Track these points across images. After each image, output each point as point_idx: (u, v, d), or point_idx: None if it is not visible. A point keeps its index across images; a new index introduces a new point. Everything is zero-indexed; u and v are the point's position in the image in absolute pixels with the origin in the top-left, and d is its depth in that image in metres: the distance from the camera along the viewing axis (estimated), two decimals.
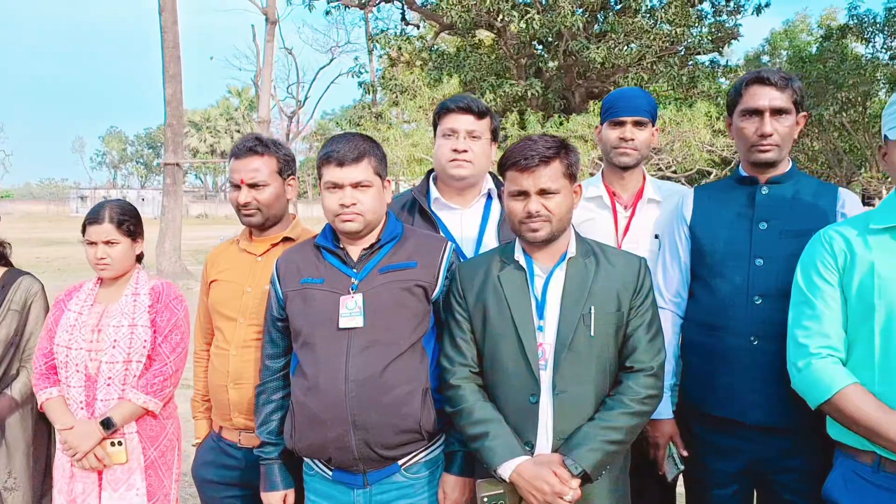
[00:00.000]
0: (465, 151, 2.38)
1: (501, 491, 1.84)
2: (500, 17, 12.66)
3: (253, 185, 2.34)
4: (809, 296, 1.91)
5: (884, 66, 19.66)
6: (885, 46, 20.52)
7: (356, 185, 2.02)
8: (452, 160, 2.40)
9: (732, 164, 12.52)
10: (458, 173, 2.40)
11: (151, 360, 2.50)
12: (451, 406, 1.96)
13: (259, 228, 2.41)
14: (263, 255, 2.39)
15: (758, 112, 2.24)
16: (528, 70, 15.06)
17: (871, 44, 20.56)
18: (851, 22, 20.38)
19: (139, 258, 2.64)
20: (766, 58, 32.62)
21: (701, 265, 2.33)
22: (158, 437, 2.56)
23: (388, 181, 2.17)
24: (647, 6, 13.79)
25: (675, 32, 14.91)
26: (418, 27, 16.25)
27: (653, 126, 2.57)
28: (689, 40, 15.48)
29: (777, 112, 2.24)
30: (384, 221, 2.14)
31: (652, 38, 13.08)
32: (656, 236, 2.51)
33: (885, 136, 1.86)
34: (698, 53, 15.80)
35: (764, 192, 2.28)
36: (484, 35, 16.19)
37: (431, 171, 2.58)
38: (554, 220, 1.91)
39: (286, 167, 2.41)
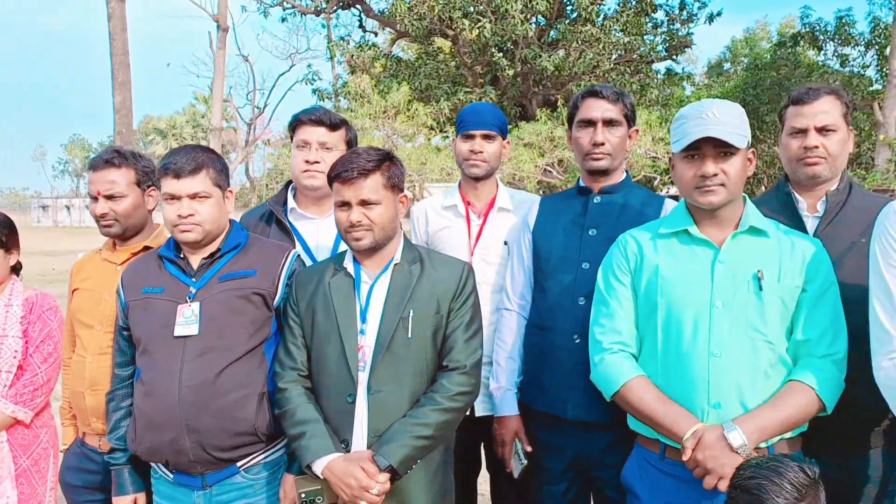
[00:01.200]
0: (318, 162, 2.48)
1: (318, 487, 1.93)
2: (452, 25, 12.81)
3: (109, 197, 2.40)
4: (606, 296, 2.05)
5: (834, 73, 20.18)
6: (836, 54, 21.11)
7: (193, 196, 2.10)
8: (305, 171, 2.49)
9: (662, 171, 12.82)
10: (311, 184, 2.49)
11: (23, 371, 2.55)
12: (279, 408, 2.05)
13: (120, 238, 2.48)
14: (123, 263, 2.45)
15: (592, 123, 2.39)
16: (484, 78, 15.22)
17: (822, 51, 21.11)
18: (804, 30, 20.91)
19: (15, 269, 2.68)
20: (727, 65, 33.29)
21: (539, 270, 2.46)
22: (31, 446, 2.60)
23: (231, 191, 2.25)
24: (597, 14, 14.02)
25: (630, 41, 15.22)
26: (376, 34, 16.36)
27: (503, 139, 2.69)
28: (643, 49, 15.81)
29: (609, 123, 2.38)
30: (227, 231, 2.22)
31: (602, 46, 13.31)
32: (505, 243, 2.63)
33: (672, 151, 2.00)
34: (652, 61, 16.11)
35: (596, 201, 2.42)
36: (442, 42, 16.33)
37: (290, 182, 2.67)
38: (376, 230, 2.01)
39: (145, 178, 2.47)
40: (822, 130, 2.19)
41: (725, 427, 1.76)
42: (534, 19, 15.24)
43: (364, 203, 2.00)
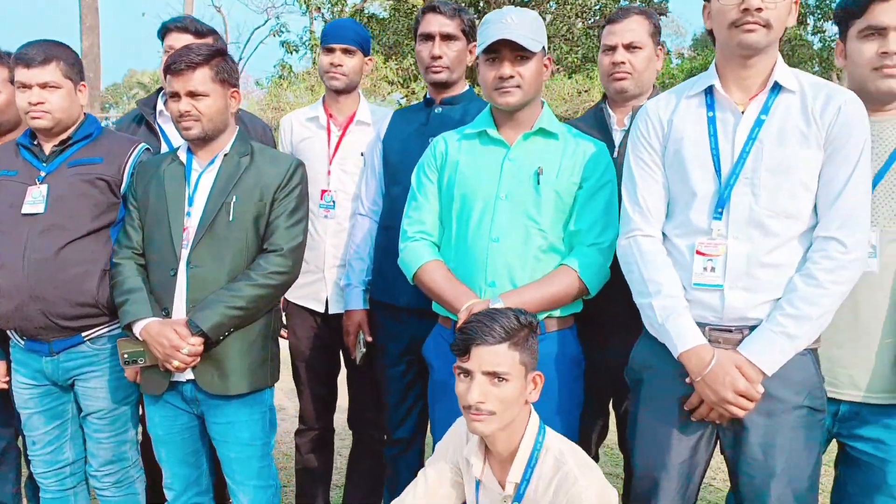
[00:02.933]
0: None
1: (141, 349, 2.15)
2: None
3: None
4: (416, 191, 2.26)
5: (813, 47, 20.29)
6: (815, 28, 21.19)
7: (44, 86, 2.27)
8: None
9: None
10: None
11: None
12: (111, 280, 2.25)
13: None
14: None
15: (430, 37, 2.57)
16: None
17: (802, 26, 21.15)
18: None
19: None
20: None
21: (387, 175, 2.66)
22: None
23: (84, 85, 2.42)
24: None
25: (603, 5, 15.23)
26: None
27: (364, 55, 2.86)
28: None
29: (446, 37, 2.56)
30: (80, 122, 2.40)
31: (570, 8, 13.34)
32: (361, 154, 2.82)
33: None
34: None
35: (437, 112, 2.62)
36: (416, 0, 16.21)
37: (161, 88, 2.83)
38: (204, 120, 2.20)
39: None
40: (629, 47, 2.39)
41: (492, 300, 1.98)
42: None
43: (192, 94, 2.17)
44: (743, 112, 1.81)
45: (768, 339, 1.72)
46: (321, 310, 2.83)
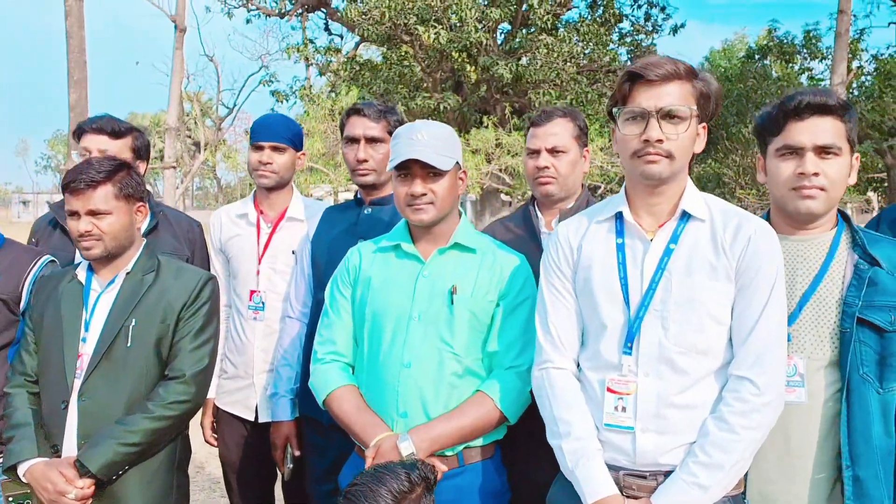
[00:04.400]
0: None
1: (26, 491, 2.00)
2: (409, 31, 12.89)
3: None
4: (328, 307, 2.14)
5: (800, 86, 20.37)
6: (803, 68, 21.32)
7: None
8: None
9: (616, 178, 12.95)
10: None
11: None
12: (2, 411, 2.11)
13: None
14: None
15: (355, 140, 2.49)
16: (446, 84, 15.29)
17: (790, 65, 21.30)
18: (771, 43, 21.09)
19: None
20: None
21: (314, 277, 2.54)
22: None
23: None
24: (553, 24, 14.12)
25: (591, 51, 15.33)
26: (342, 37, 16.44)
27: (296, 151, 2.77)
28: (606, 59, 15.92)
29: (371, 140, 2.48)
30: None
31: (557, 56, 13.42)
32: (293, 252, 2.70)
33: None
34: (612, 71, 16.23)
35: (367, 212, 2.52)
36: (409, 48, 16.39)
37: None
38: (106, 240, 2.08)
39: None
40: (552, 151, 2.29)
41: (400, 437, 1.84)
42: (499, 27, 15.36)
43: (93, 213, 2.06)
44: (652, 240, 1.70)
45: (680, 489, 1.58)
46: (251, 418, 2.69)
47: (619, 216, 1.76)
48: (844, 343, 1.70)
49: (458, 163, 2.03)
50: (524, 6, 13.97)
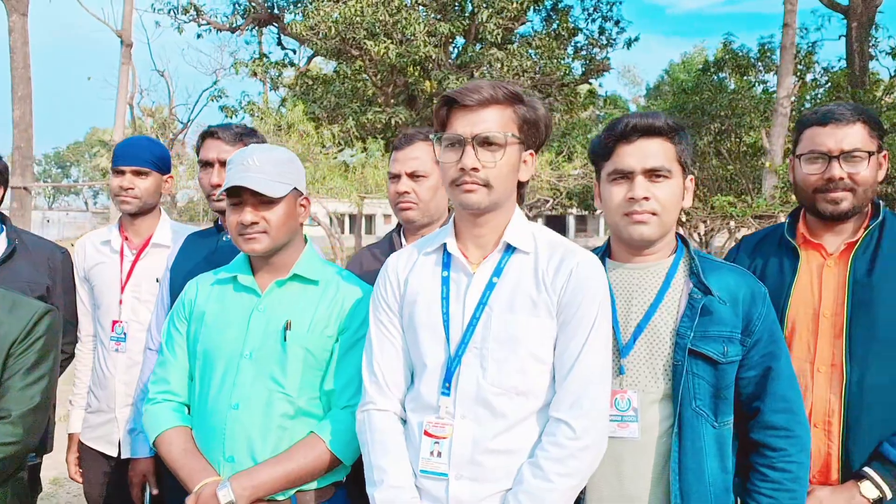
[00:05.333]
0: None
1: None
2: (358, 45, 12.84)
3: None
4: (163, 344, 2.01)
5: (753, 98, 20.75)
6: (757, 80, 21.73)
7: None
8: None
9: (564, 193, 13.01)
10: None
11: None
12: None
13: None
14: None
15: (210, 163, 2.40)
16: (398, 98, 15.26)
17: (745, 77, 21.70)
18: (727, 56, 21.48)
19: None
20: (666, 88, 34.11)
21: (172, 307, 2.41)
22: None
23: None
24: (503, 38, 14.20)
25: (544, 64, 15.43)
26: (295, 52, 16.33)
27: (162, 174, 2.64)
28: (559, 73, 16.05)
29: (225, 164, 2.37)
30: None
31: (506, 70, 13.48)
32: (157, 280, 2.57)
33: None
34: (565, 85, 16.37)
35: (224, 240, 2.41)
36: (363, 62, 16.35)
37: None
38: None
39: None
40: (412, 176, 2.21)
41: (220, 484, 1.73)
42: (454, 42, 15.40)
43: None
44: (474, 273, 1.62)
45: None
46: (114, 453, 2.55)
47: (446, 248, 1.68)
48: (676, 376, 1.63)
49: (297, 189, 1.94)
50: (476, 21, 14.03)
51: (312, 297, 1.91)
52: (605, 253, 1.83)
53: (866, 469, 1.74)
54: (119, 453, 2.54)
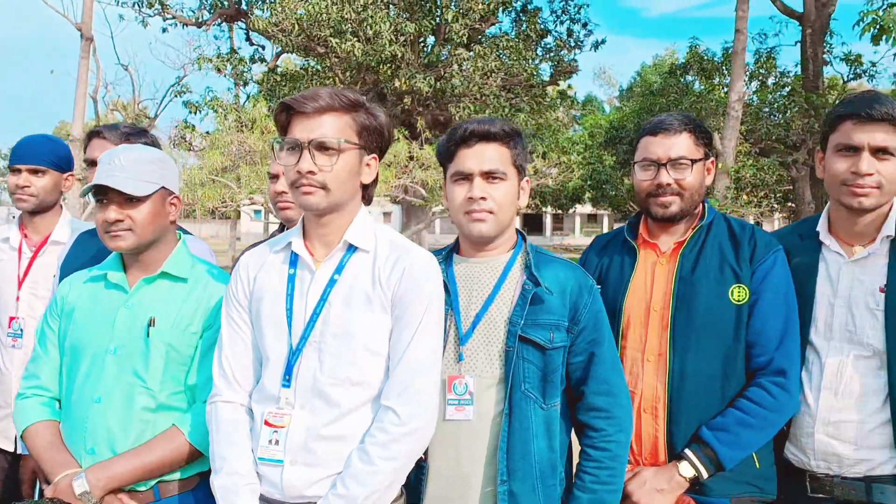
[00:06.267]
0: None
1: None
2: (324, 43, 12.85)
3: None
4: (36, 341, 2.06)
5: (715, 101, 21.07)
6: (722, 84, 22.08)
7: None
8: None
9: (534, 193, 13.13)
10: None
11: None
12: None
13: None
14: None
15: (95, 163, 2.43)
16: (367, 96, 15.25)
17: (710, 80, 22.04)
18: (693, 59, 21.79)
19: None
20: (638, 89, 34.53)
21: None
22: None
23: None
24: (469, 38, 14.29)
25: (511, 66, 15.54)
26: (263, 48, 16.28)
27: (62, 172, 2.69)
28: (526, 74, 16.18)
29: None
30: None
31: (473, 70, 13.57)
32: (55, 276, 2.62)
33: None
34: (532, 86, 16.50)
35: None
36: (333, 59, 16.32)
37: None
38: None
39: None
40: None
41: (76, 475, 1.79)
42: (425, 41, 15.44)
43: None
44: (317, 271, 1.71)
45: None
46: (11, 448, 2.60)
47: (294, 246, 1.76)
48: (508, 361, 1.75)
49: (166, 188, 2.00)
50: (443, 21, 14.09)
51: (179, 295, 1.98)
52: (453, 248, 1.94)
53: (686, 450, 1.87)
54: (15, 448, 2.58)
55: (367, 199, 1.81)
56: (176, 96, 14.00)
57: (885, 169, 1.82)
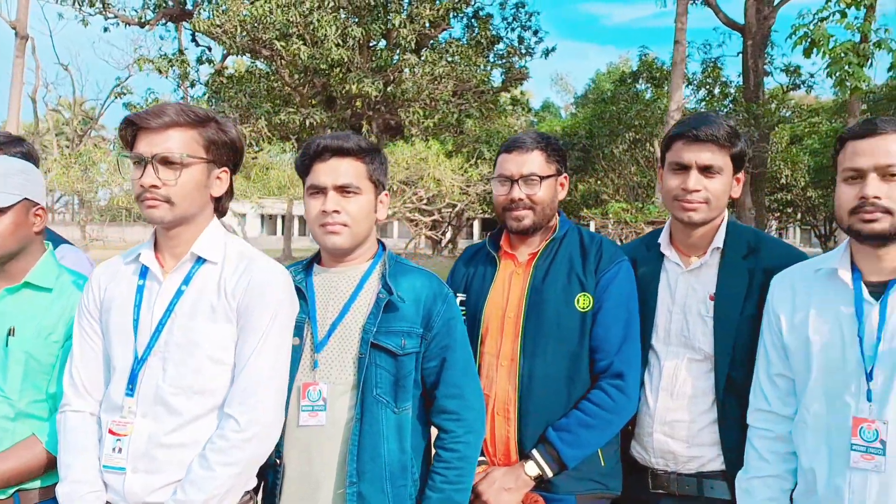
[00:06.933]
0: None
1: None
2: (269, 45, 12.79)
3: None
4: None
5: (661, 110, 21.62)
6: (669, 92, 22.63)
7: None
8: None
9: (474, 197, 13.33)
10: None
11: None
12: None
13: None
14: None
15: None
16: (315, 99, 15.25)
17: (659, 88, 22.59)
18: (642, 68, 22.30)
19: None
20: (592, 96, 35.14)
21: None
22: None
23: None
24: (416, 43, 14.40)
25: (461, 71, 15.71)
26: (210, 49, 16.10)
27: None
28: (476, 79, 16.38)
29: None
30: None
31: (421, 76, 13.68)
32: None
33: None
34: (482, 92, 16.71)
35: None
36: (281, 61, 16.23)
37: None
38: None
39: None
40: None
41: None
42: (377, 46, 15.48)
43: None
44: (164, 282, 1.76)
45: None
46: None
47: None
48: (361, 367, 1.81)
49: (30, 199, 2.01)
50: (391, 25, 14.17)
51: (42, 304, 2.00)
52: (314, 259, 2.00)
53: (533, 451, 1.96)
54: None
55: (220, 212, 1.86)
56: (116, 98, 13.73)
57: (711, 186, 1.95)
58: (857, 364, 1.65)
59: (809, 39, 12.17)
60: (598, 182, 24.41)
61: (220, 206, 1.86)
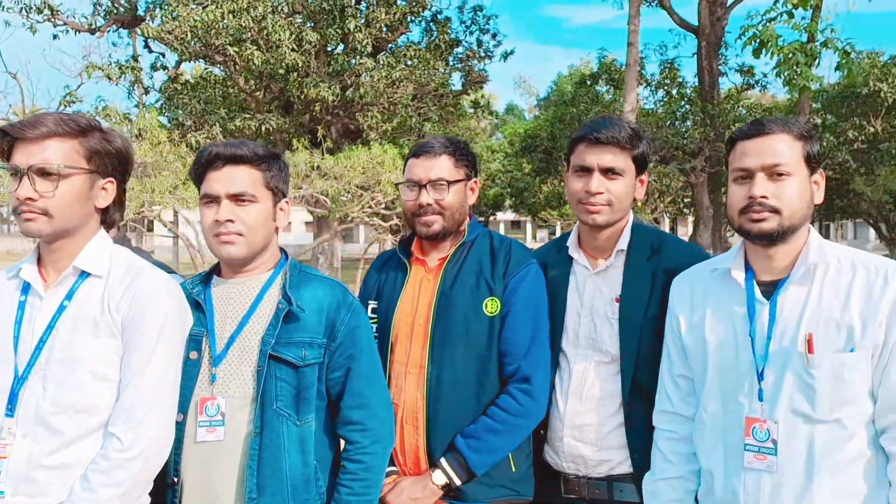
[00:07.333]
0: None
1: None
2: (221, 51, 12.60)
3: None
4: None
5: (619, 112, 21.88)
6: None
7: None
8: None
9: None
10: None
11: None
12: None
13: None
14: None
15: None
16: (271, 104, 15.07)
17: (619, 90, 22.85)
18: (601, 70, 22.56)
19: None
20: (554, 98, 35.45)
21: None
22: None
23: None
24: (371, 46, 14.33)
25: (419, 75, 15.67)
26: (163, 55, 15.81)
27: None
28: (434, 83, 16.34)
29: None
30: None
31: (378, 80, 13.61)
32: None
33: None
34: (441, 95, 16.69)
35: None
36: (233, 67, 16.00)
37: None
38: None
39: None
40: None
41: None
42: (333, 49, 15.36)
43: None
44: (43, 298, 1.69)
45: None
46: None
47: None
48: (260, 380, 1.75)
49: None
50: (347, 30, 14.07)
51: None
52: (214, 271, 1.94)
53: (441, 459, 1.93)
54: None
55: (107, 224, 1.79)
56: (66, 106, 13.36)
57: (613, 187, 1.95)
58: (749, 364, 1.66)
59: (758, 40, 12.41)
60: (561, 183, 24.60)
61: (107, 218, 1.79)
